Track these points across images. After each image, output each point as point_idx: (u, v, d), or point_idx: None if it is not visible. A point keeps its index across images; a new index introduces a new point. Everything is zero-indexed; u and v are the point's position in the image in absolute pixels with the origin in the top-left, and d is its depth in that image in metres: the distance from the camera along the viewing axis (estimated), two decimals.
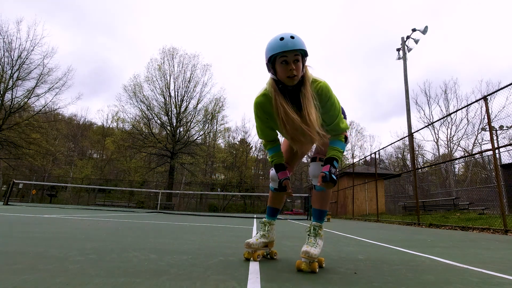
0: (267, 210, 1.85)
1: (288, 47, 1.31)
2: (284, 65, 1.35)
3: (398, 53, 15.62)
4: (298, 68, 1.36)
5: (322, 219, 1.66)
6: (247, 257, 1.65)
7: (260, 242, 1.67)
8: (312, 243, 1.52)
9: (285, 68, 1.35)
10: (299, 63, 1.37)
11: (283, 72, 1.36)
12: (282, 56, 1.34)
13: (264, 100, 1.51)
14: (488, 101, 6.52)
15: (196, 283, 1.11)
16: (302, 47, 1.34)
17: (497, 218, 6.83)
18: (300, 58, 1.37)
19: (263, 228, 1.75)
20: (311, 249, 1.44)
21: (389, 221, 10.83)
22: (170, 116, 27.49)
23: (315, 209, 1.70)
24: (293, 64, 1.35)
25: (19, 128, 22.51)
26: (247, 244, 1.64)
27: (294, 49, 1.32)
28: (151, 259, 1.58)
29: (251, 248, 1.64)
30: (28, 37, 23.03)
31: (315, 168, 1.63)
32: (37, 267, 1.25)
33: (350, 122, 44.73)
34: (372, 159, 20.73)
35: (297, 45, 1.33)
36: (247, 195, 32.74)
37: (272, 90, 1.45)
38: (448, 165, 19.04)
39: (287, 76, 1.36)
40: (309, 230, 1.61)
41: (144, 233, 3.06)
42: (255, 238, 1.69)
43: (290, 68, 1.35)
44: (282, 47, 1.32)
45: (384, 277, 1.38)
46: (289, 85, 1.39)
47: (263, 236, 1.71)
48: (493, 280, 1.40)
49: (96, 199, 26.42)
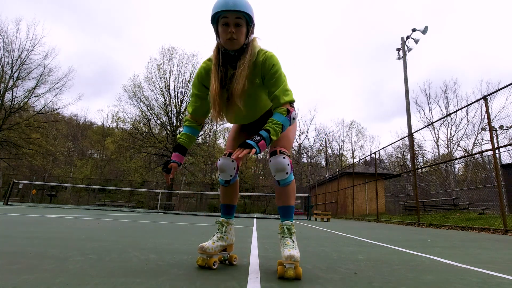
0: (221, 208, 1.63)
1: (229, 6, 1.24)
2: (224, 27, 1.28)
3: (398, 53, 15.63)
4: (239, 32, 1.29)
5: (292, 216, 1.48)
6: (201, 264, 1.40)
7: (217, 246, 1.44)
8: (292, 245, 1.35)
9: (225, 30, 1.28)
10: (242, 27, 1.29)
11: (223, 34, 1.29)
12: (223, 17, 1.27)
13: (208, 65, 1.46)
14: (488, 101, 6.52)
15: (196, 283, 1.11)
16: (245, 9, 1.26)
17: (497, 218, 6.83)
18: (244, 23, 1.30)
19: (220, 229, 1.53)
20: (294, 252, 1.28)
21: (389, 221, 10.83)
22: (170, 116, 27.49)
23: (283, 206, 1.49)
24: (233, 27, 1.28)
25: (19, 128, 22.50)
26: (202, 249, 1.40)
27: (235, 10, 1.24)
28: (151, 259, 1.58)
29: (207, 253, 1.39)
30: (28, 36, 23.11)
31: (276, 162, 1.43)
32: (37, 267, 1.25)
33: (351, 122, 44.73)
34: (372, 159, 20.73)
35: (238, 6, 1.24)
36: (247, 195, 32.73)
37: (213, 54, 1.41)
38: (448, 165, 19.04)
39: (227, 38, 1.29)
40: (283, 231, 1.43)
41: (144, 233, 3.06)
42: (211, 241, 1.46)
43: (230, 30, 1.27)
44: (222, 6, 1.24)
45: (384, 277, 1.38)
46: (229, 49, 1.33)
47: (220, 238, 1.49)
48: (493, 280, 1.40)
49: (96, 199, 26.40)
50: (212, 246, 1.41)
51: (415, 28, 14.78)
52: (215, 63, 1.40)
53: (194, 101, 1.54)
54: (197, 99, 1.52)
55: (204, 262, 1.40)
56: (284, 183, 1.46)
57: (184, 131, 1.55)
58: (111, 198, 27.40)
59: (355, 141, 41.94)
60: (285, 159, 1.43)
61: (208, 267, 1.39)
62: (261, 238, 3.13)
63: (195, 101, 1.53)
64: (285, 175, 1.43)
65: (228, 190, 1.60)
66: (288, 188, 1.48)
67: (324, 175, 31.50)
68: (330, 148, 40.71)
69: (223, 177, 1.55)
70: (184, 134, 1.54)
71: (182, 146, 1.52)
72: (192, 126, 1.56)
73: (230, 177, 1.54)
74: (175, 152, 1.49)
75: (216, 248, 1.43)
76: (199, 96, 1.52)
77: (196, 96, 1.52)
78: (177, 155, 1.48)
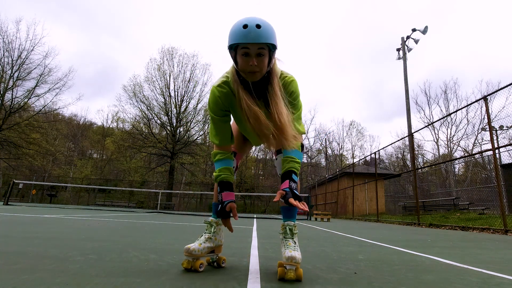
0: (213, 207, 1.52)
1: (250, 38, 1.09)
2: (244, 57, 1.14)
3: (398, 53, 15.64)
4: (262, 64, 1.16)
5: (294, 216, 1.42)
6: (186, 267, 1.31)
7: (204, 248, 1.35)
8: (293, 246, 1.30)
9: (245, 61, 1.15)
10: (264, 57, 1.15)
11: (243, 65, 1.17)
12: (243, 48, 1.13)
13: (226, 89, 1.31)
14: (488, 101, 6.52)
15: (196, 283, 1.11)
16: (268, 40, 1.11)
17: (497, 218, 6.83)
18: (266, 52, 1.15)
19: (209, 230, 1.45)
20: (296, 254, 1.23)
21: (389, 221, 10.83)
22: (170, 116, 27.50)
23: (286, 206, 1.42)
24: (255, 59, 1.14)
25: (19, 128, 22.50)
26: (188, 251, 1.30)
27: (257, 43, 1.10)
28: (151, 259, 1.58)
29: (193, 255, 1.30)
30: (28, 36, 23.06)
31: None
32: (37, 267, 1.25)
33: (351, 122, 44.74)
34: (372, 159, 20.73)
35: (262, 38, 1.10)
36: (247, 195, 32.74)
37: (234, 80, 1.27)
38: (448, 165, 19.04)
39: (248, 71, 1.17)
40: (284, 232, 1.38)
41: (144, 233, 3.06)
42: (198, 242, 1.37)
43: (250, 63, 1.14)
44: (243, 38, 1.10)
45: (384, 277, 1.38)
46: (251, 81, 1.22)
47: (208, 239, 1.40)
48: (493, 280, 1.40)
49: (96, 199, 26.40)
50: (198, 248, 1.33)
51: (415, 28, 14.79)
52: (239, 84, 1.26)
53: (218, 127, 1.37)
54: (221, 124, 1.37)
55: (190, 265, 1.32)
56: None
57: (221, 165, 1.39)
58: (111, 198, 27.40)
59: (355, 141, 41.91)
60: None
61: (194, 270, 1.31)
62: (261, 238, 3.13)
63: (219, 126, 1.37)
64: None
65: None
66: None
67: (324, 175, 31.51)
68: (330, 148, 40.73)
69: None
70: (223, 169, 1.38)
71: (226, 182, 1.36)
72: (226, 158, 1.40)
73: None
74: (224, 192, 1.34)
75: (203, 250, 1.34)
76: (223, 120, 1.37)
77: (219, 121, 1.36)
78: (227, 194, 1.34)
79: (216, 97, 1.32)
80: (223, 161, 1.39)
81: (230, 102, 1.33)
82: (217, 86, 1.32)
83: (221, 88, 1.31)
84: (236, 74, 1.26)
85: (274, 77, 1.25)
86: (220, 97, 1.31)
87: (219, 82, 1.33)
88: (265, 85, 1.25)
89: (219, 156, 1.40)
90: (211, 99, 1.33)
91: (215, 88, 1.32)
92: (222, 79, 1.33)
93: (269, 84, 1.25)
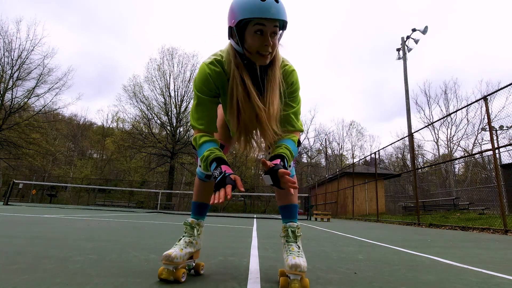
0: (193, 207, 1.34)
1: (271, 14, 0.94)
2: (258, 36, 0.99)
3: (398, 53, 15.64)
4: (275, 45, 1.03)
5: (296, 216, 1.28)
6: (166, 277, 1.09)
7: (186, 254, 1.16)
8: (297, 252, 1.13)
9: (259, 40, 0.99)
10: (276, 37, 1.03)
11: (255, 45, 1.00)
12: (258, 24, 0.96)
13: (219, 69, 1.13)
14: (488, 101, 6.52)
15: (196, 283, 1.11)
16: (285, 17, 0.99)
17: (497, 218, 6.83)
18: (278, 31, 1.02)
19: (190, 233, 1.25)
20: (300, 261, 1.06)
21: (389, 221, 10.83)
22: (170, 116, 27.49)
23: (286, 205, 1.27)
24: (270, 38, 1.00)
25: (19, 128, 22.50)
26: (168, 259, 1.09)
27: (277, 19, 0.96)
28: (151, 259, 1.58)
29: (174, 263, 1.10)
30: (28, 37, 23.09)
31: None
32: (37, 267, 1.25)
33: (351, 122, 44.73)
34: (372, 159, 20.72)
35: (281, 13, 0.97)
36: (247, 195, 32.73)
37: (233, 62, 1.09)
38: (448, 165, 19.04)
39: (259, 52, 1.02)
40: (287, 235, 1.21)
41: (144, 233, 3.06)
42: (178, 247, 1.16)
43: (265, 42, 0.99)
44: (263, 12, 0.94)
45: (384, 277, 1.38)
46: (260, 64, 1.06)
47: (189, 244, 1.21)
48: (493, 280, 1.40)
49: (96, 199, 26.41)
50: (180, 254, 1.13)
51: (415, 28, 14.80)
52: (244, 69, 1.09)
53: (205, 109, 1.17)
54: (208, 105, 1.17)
55: (170, 275, 1.09)
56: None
57: (210, 146, 1.12)
58: (111, 198, 27.41)
59: (355, 141, 41.90)
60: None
61: (175, 281, 1.10)
62: (261, 238, 3.13)
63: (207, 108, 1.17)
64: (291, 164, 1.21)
65: (207, 187, 1.32)
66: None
67: (324, 175, 31.51)
68: (330, 148, 40.73)
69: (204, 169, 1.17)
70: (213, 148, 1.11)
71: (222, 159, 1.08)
72: (213, 141, 1.15)
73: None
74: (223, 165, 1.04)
75: (185, 256, 1.16)
76: (212, 101, 1.17)
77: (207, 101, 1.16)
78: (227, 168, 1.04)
79: (207, 75, 1.13)
80: (211, 142, 1.14)
81: (221, 83, 1.15)
82: (208, 63, 1.14)
83: (213, 66, 1.13)
84: (237, 55, 1.09)
85: (277, 61, 1.11)
86: (211, 75, 1.13)
87: (211, 59, 1.15)
88: (262, 70, 1.12)
89: (204, 138, 1.14)
90: (200, 77, 1.14)
91: (205, 65, 1.14)
92: (215, 57, 1.15)
93: (270, 69, 1.11)
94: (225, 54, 1.14)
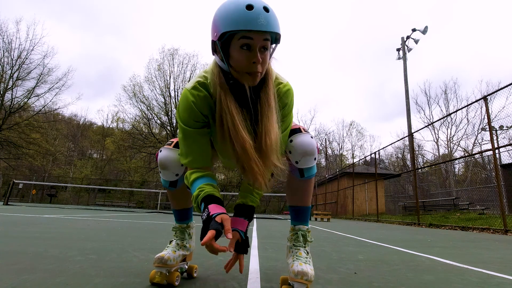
0: (175, 214, 1.26)
1: (259, 25, 0.78)
2: (245, 51, 0.83)
3: (398, 53, 15.65)
4: (265, 62, 0.86)
5: (308, 220, 1.14)
6: (159, 281, 1.03)
7: (179, 256, 1.13)
8: (305, 258, 1.02)
9: (246, 57, 0.83)
10: (267, 53, 0.86)
11: (242, 62, 0.84)
12: (244, 37, 0.81)
13: (203, 93, 0.96)
14: (488, 101, 6.52)
15: (196, 283, 1.11)
16: (277, 29, 0.82)
17: (497, 218, 6.84)
18: (269, 46, 0.86)
19: (181, 236, 1.20)
20: (308, 268, 0.97)
21: (389, 221, 10.83)
22: (170, 116, 27.49)
23: (299, 207, 1.13)
24: (259, 54, 0.83)
25: (19, 128, 22.50)
26: (161, 261, 1.05)
27: (267, 31, 0.80)
28: (151, 259, 1.57)
29: (167, 266, 1.06)
30: (28, 36, 23.06)
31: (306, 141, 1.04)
32: (37, 267, 1.25)
33: (351, 122, 44.72)
34: (372, 159, 20.73)
35: (271, 25, 0.80)
36: None
37: (218, 84, 0.92)
38: (448, 165, 19.04)
39: (246, 71, 0.86)
40: (296, 238, 1.09)
41: (144, 233, 3.06)
42: (171, 249, 1.13)
43: (253, 59, 0.83)
44: (250, 23, 0.78)
45: (384, 277, 1.38)
46: (248, 85, 0.89)
47: (182, 247, 1.18)
48: (493, 280, 1.40)
49: (96, 199, 26.42)
50: (174, 256, 1.09)
51: (415, 28, 14.80)
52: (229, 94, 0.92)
53: (193, 142, 0.99)
54: (196, 138, 0.99)
55: (164, 279, 1.04)
56: (309, 175, 1.08)
57: (201, 183, 0.95)
58: (111, 198, 27.41)
59: (355, 141, 41.86)
60: (313, 139, 1.06)
61: (169, 284, 1.06)
62: (261, 238, 3.13)
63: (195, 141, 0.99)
64: (313, 161, 1.06)
65: (179, 193, 1.19)
66: (310, 182, 1.12)
67: (324, 175, 31.51)
68: (330, 148, 40.72)
69: (166, 177, 1.11)
70: (206, 185, 0.94)
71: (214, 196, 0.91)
72: (207, 176, 0.98)
73: (176, 177, 1.13)
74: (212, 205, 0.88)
75: (178, 258, 1.12)
76: (200, 133, 0.99)
77: (195, 133, 0.98)
78: (215, 207, 0.88)
79: (190, 103, 0.95)
80: (202, 178, 0.97)
81: (209, 110, 0.98)
82: (191, 88, 0.96)
83: (196, 91, 0.96)
84: (222, 75, 0.92)
85: (270, 80, 0.94)
86: (196, 102, 0.96)
87: (193, 83, 0.97)
88: (256, 91, 0.93)
89: (195, 175, 0.97)
90: (183, 106, 0.97)
91: (187, 92, 0.96)
92: (198, 80, 0.98)
93: (263, 90, 0.93)
94: (209, 74, 0.97)
